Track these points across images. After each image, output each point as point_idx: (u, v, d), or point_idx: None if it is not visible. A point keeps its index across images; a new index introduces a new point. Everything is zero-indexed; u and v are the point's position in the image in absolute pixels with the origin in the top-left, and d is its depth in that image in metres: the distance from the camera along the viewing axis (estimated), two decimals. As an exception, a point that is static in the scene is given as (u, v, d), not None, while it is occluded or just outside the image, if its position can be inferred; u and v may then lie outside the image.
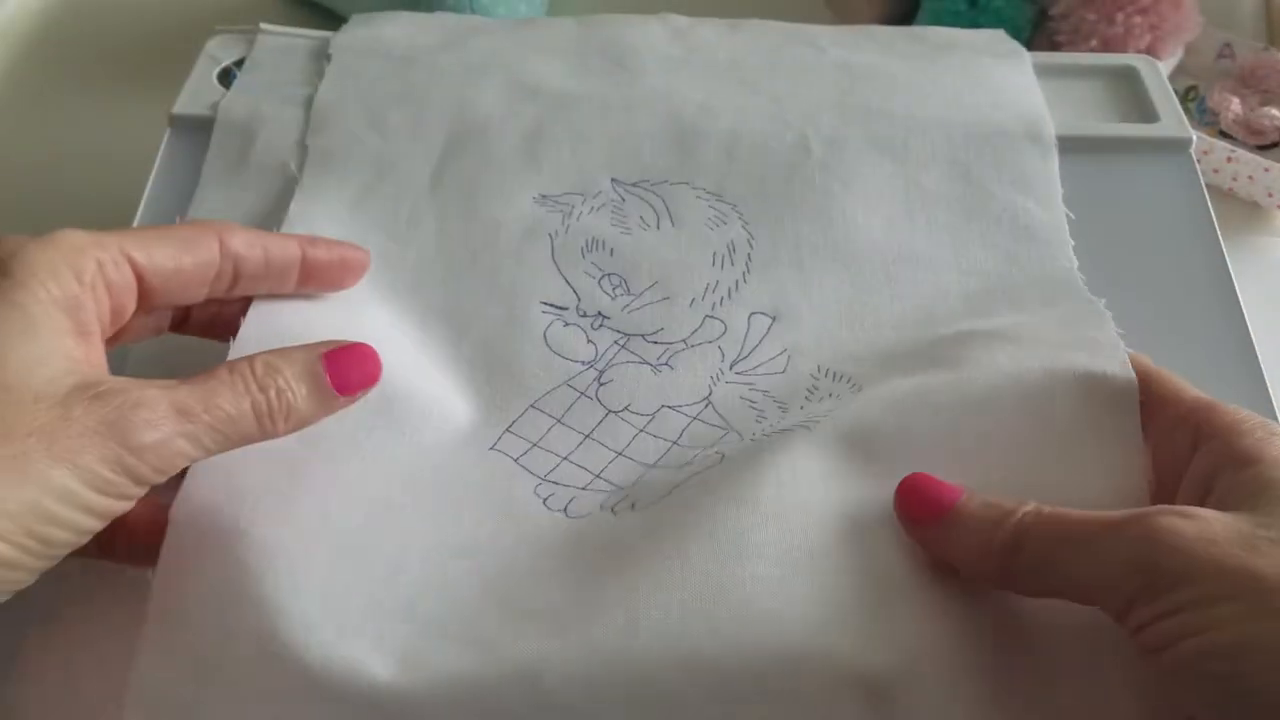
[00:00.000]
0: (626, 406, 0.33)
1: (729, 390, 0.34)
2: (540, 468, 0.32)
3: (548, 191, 0.39)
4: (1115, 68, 0.45)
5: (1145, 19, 0.54)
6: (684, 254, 0.37)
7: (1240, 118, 0.55)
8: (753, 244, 0.37)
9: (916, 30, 0.46)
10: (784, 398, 0.33)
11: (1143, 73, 0.45)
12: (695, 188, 0.39)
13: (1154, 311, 0.37)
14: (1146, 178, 0.41)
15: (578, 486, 0.31)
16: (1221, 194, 0.53)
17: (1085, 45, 0.55)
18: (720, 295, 0.36)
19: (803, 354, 0.35)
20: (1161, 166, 0.41)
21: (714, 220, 0.38)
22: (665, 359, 0.35)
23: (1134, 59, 0.46)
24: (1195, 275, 0.38)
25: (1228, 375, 0.35)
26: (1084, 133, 0.42)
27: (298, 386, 0.28)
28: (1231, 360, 0.36)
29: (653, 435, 0.33)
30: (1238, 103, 0.56)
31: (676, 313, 0.36)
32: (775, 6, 0.65)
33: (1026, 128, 0.41)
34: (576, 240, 0.37)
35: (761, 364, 0.34)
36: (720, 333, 0.35)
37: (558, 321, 0.35)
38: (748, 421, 0.33)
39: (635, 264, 0.37)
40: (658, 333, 0.35)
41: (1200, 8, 0.56)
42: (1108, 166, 0.41)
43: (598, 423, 0.33)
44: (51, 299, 0.27)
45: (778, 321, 0.35)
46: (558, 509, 0.31)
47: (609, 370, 0.34)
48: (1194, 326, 0.37)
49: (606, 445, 0.33)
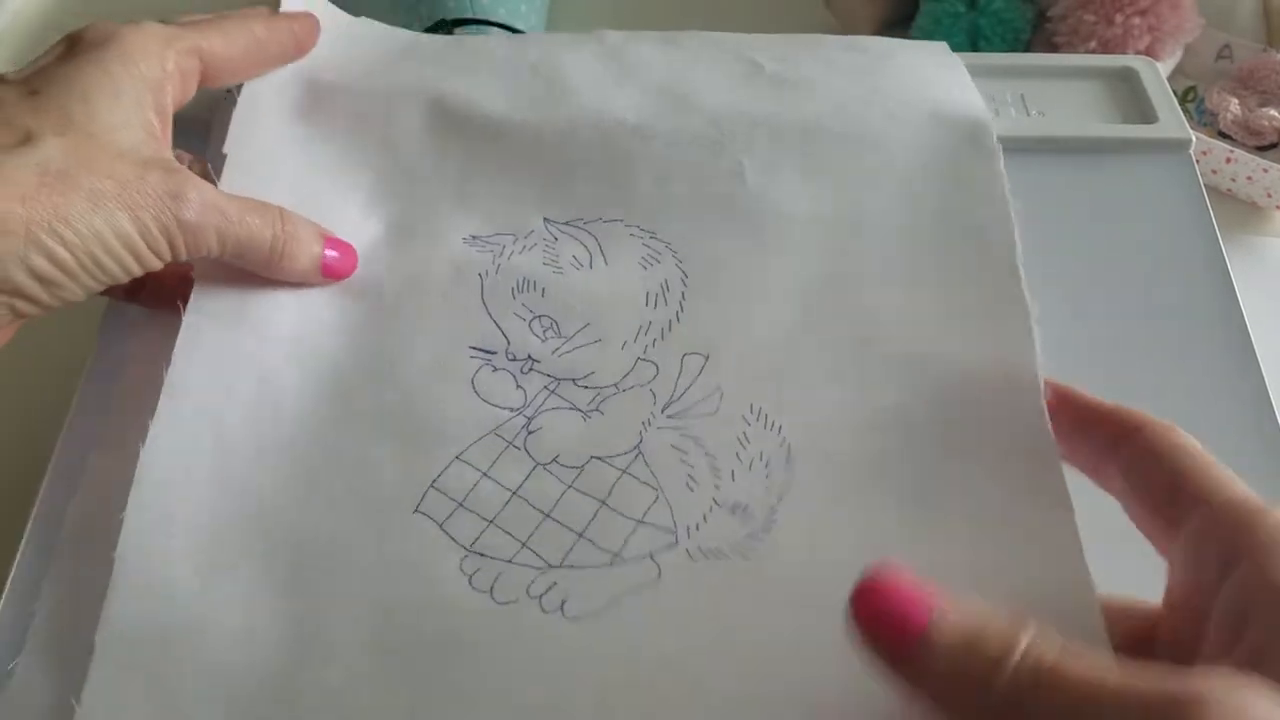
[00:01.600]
0: (555, 458, 0.33)
1: (659, 438, 0.33)
2: (465, 534, 0.31)
3: (478, 232, 0.38)
4: (1114, 69, 0.45)
5: (1144, 20, 0.54)
6: (617, 293, 0.36)
7: (1239, 119, 0.55)
8: (686, 282, 0.36)
9: (858, 41, 0.44)
10: (715, 448, 0.33)
11: (1142, 74, 0.45)
12: (629, 225, 0.38)
13: (1153, 312, 0.37)
14: (1145, 179, 0.41)
15: (504, 559, 0.30)
16: (1220, 195, 0.53)
17: (1084, 46, 0.55)
18: (654, 336, 0.35)
19: (735, 393, 0.34)
20: (1160, 167, 0.41)
21: (647, 259, 0.37)
22: (596, 404, 0.34)
23: (1133, 60, 0.46)
24: (1194, 276, 0.38)
25: (1227, 376, 0.36)
26: (1083, 134, 0.42)
27: (310, 243, 0.35)
28: (1231, 361, 0.36)
29: (581, 492, 0.32)
30: (1236, 104, 0.56)
31: (609, 356, 0.35)
32: (775, 7, 0.66)
33: (969, 136, 0.39)
34: (507, 281, 0.36)
35: (693, 405, 0.34)
36: (652, 375, 0.34)
37: (486, 367, 0.34)
38: (677, 485, 0.32)
39: (567, 305, 0.36)
40: (589, 376, 0.34)
41: (1199, 9, 0.56)
42: (1107, 168, 0.41)
43: (525, 477, 0.32)
44: (141, 76, 0.31)
45: (710, 360, 0.34)
46: (483, 589, 0.30)
47: (538, 417, 0.33)
48: (1193, 327, 0.37)
49: (533, 505, 0.32)
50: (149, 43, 0.32)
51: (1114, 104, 0.44)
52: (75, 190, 0.28)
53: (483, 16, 0.57)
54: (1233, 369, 0.36)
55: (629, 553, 0.31)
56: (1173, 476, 0.26)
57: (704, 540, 0.31)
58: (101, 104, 0.30)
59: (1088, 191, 0.40)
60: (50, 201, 0.28)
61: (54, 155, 0.28)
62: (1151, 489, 0.26)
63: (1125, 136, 0.42)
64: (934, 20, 0.58)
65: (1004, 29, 0.57)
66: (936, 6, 0.58)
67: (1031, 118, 0.43)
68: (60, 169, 0.28)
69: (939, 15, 0.58)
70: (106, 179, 0.29)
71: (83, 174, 0.29)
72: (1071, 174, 0.40)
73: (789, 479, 0.32)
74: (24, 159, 0.28)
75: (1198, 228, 0.40)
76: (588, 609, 0.30)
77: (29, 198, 0.27)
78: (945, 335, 0.34)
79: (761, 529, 0.31)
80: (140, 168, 0.30)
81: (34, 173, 0.28)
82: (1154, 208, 0.40)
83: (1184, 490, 0.25)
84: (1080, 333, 0.37)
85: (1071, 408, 0.30)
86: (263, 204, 0.33)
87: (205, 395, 0.32)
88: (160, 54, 0.32)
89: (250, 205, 0.33)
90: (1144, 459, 0.27)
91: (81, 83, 0.30)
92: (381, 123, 0.40)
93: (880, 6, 0.61)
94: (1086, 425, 0.29)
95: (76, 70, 0.31)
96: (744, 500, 0.31)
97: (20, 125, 0.29)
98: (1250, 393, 0.35)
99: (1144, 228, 0.40)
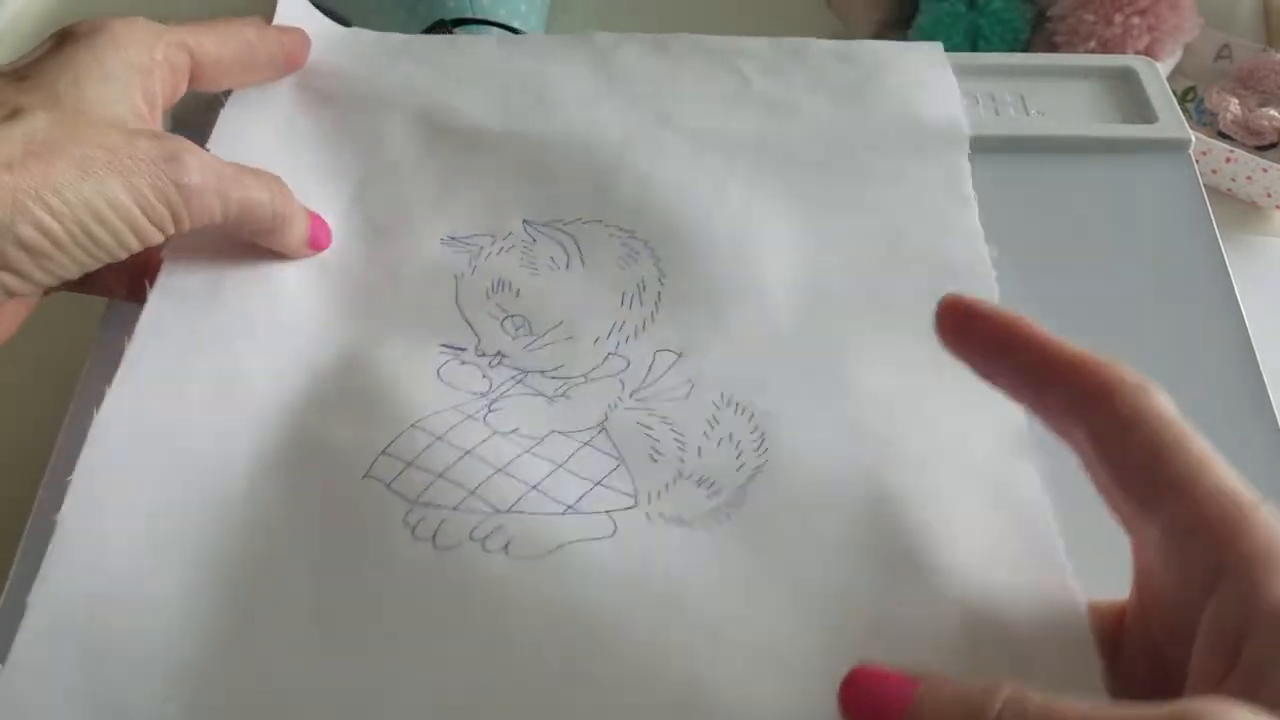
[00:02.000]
0: (515, 429, 0.32)
1: (625, 416, 0.32)
2: (412, 490, 0.30)
3: (457, 233, 0.38)
4: (1114, 69, 0.45)
5: (1143, 20, 0.54)
6: (592, 293, 0.36)
7: (1239, 118, 0.55)
8: (663, 281, 0.36)
9: (850, 50, 0.44)
10: (682, 428, 0.32)
11: (1141, 74, 0.45)
12: (608, 225, 0.38)
13: (1153, 312, 0.37)
14: (1145, 179, 0.41)
15: (449, 506, 0.29)
16: (1220, 194, 0.53)
17: (1084, 46, 0.55)
18: (627, 334, 0.35)
19: (706, 383, 0.33)
20: (1160, 167, 0.41)
21: (625, 258, 0.37)
22: (563, 391, 0.33)
23: (1132, 60, 0.46)
24: (1194, 276, 0.38)
25: (1226, 377, 0.36)
26: (1082, 134, 0.42)
27: (300, 214, 0.35)
28: (1230, 361, 0.36)
29: (538, 456, 0.31)
30: (1236, 104, 0.56)
31: (579, 350, 0.34)
32: (776, 6, 0.66)
33: (948, 173, 0.39)
34: (482, 282, 0.36)
35: (663, 391, 0.33)
36: (622, 368, 0.34)
37: (454, 360, 0.34)
38: (640, 457, 0.31)
39: (541, 305, 0.35)
40: (558, 369, 0.34)
41: (1199, 9, 0.56)
42: (1106, 167, 0.41)
43: (481, 441, 0.31)
44: (128, 61, 0.32)
45: (683, 358, 0.34)
46: (425, 537, 0.29)
47: (501, 400, 0.33)
48: (1193, 327, 0.37)
49: (487, 461, 0.30)
50: (138, 32, 0.32)
51: (1113, 104, 0.44)
52: (63, 158, 0.28)
53: (482, 16, 0.57)
54: (1233, 369, 0.36)
55: (584, 506, 0.30)
56: (1150, 452, 0.23)
57: (665, 507, 0.30)
58: (90, 85, 0.30)
59: (1087, 191, 0.40)
60: (38, 170, 0.27)
61: (41, 127, 0.28)
62: (1125, 463, 0.24)
63: (1125, 136, 0.42)
64: (934, 20, 0.58)
65: (1004, 29, 0.57)
66: (936, 6, 0.58)
67: (1031, 118, 0.43)
68: (47, 139, 0.28)
69: (939, 15, 0.58)
70: (96, 148, 0.29)
71: (70, 144, 0.28)
72: (1071, 174, 0.40)
73: (762, 462, 0.31)
74: (10, 130, 0.28)
75: (1197, 228, 0.40)
76: (532, 551, 0.28)
77: (15, 165, 0.27)
78: (917, 369, 0.34)
79: (729, 504, 0.30)
80: (129, 135, 0.30)
81: (20, 143, 0.28)
82: (1154, 208, 0.40)
83: (1162, 472, 0.23)
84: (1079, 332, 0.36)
85: (1025, 348, 0.26)
86: (255, 169, 0.33)
87: (165, 372, 0.32)
88: (149, 43, 0.33)
89: (245, 169, 0.33)
90: (1115, 429, 0.24)
91: (72, 67, 0.31)
92: (366, 130, 0.40)
93: (881, 7, 0.61)
94: (1045, 380, 0.25)
95: (67, 57, 0.31)
96: (711, 476, 0.31)
97: (8, 102, 0.29)
98: (1250, 393, 0.35)
99: (1144, 228, 0.40)
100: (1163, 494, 0.23)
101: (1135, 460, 0.23)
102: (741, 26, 0.48)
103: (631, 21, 0.64)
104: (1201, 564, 0.22)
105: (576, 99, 0.42)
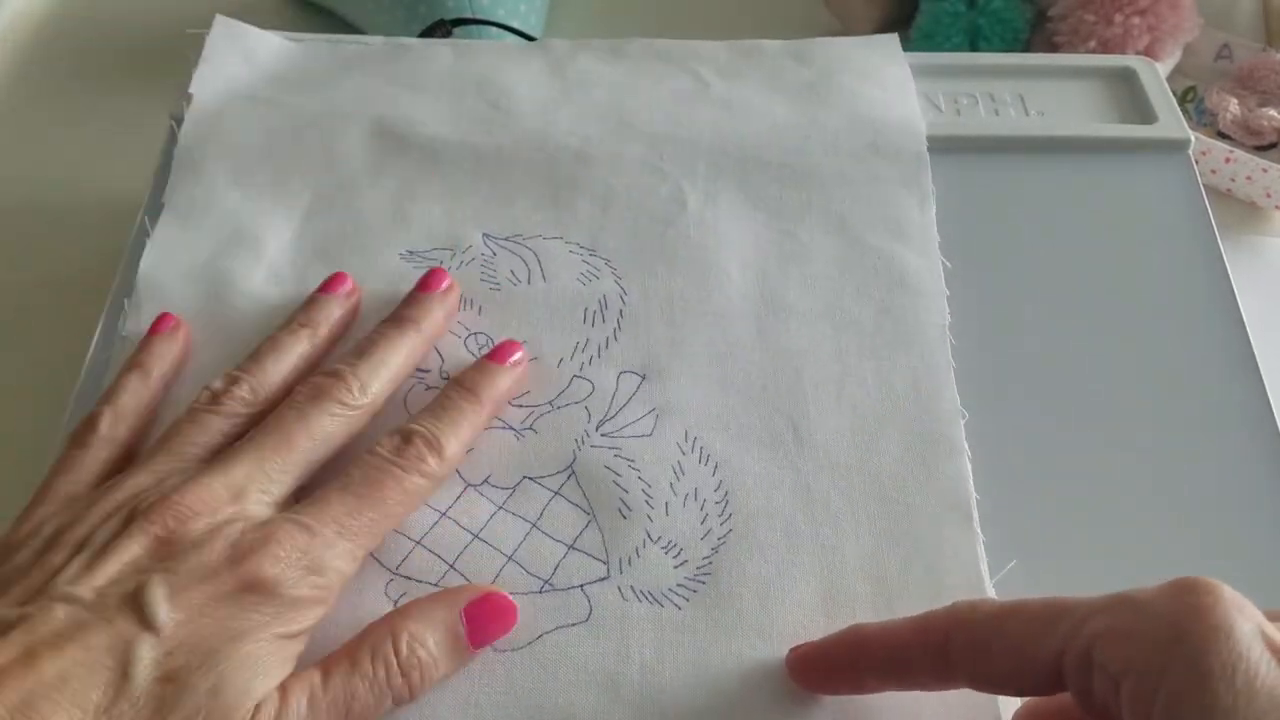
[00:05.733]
0: (486, 479, 0.32)
1: (593, 457, 0.33)
2: (392, 557, 0.30)
3: (415, 248, 0.38)
4: (1113, 69, 0.45)
5: (1143, 20, 0.54)
6: (554, 310, 0.36)
7: (1238, 118, 0.55)
8: (625, 299, 0.36)
9: (804, 49, 0.44)
10: (650, 477, 0.32)
11: (1141, 74, 0.45)
12: (569, 242, 0.38)
13: (1152, 312, 0.37)
14: (1145, 179, 0.41)
15: (430, 582, 0.30)
16: (1220, 194, 0.53)
17: (1084, 46, 0.55)
18: (590, 354, 0.35)
19: (670, 416, 0.34)
20: (1160, 167, 0.41)
21: (586, 275, 0.37)
22: (530, 423, 0.33)
23: (1132, 60, 0.46)
24: (1194, 276, 0.38)
25: (1226, 376, 0.36)
26: (1082, 134, 0.42)
27: (439, 655, 0.27)
28: (1230, 361, 0.36)
29: (511, 514, 0.32)
30: (1236, 104, 0.56)
31: (544, 373, 0.34)
32: (774, 7, 0.66)
33: (904, 174, 0.40)
34: None
35: (629, 424, 0.33)
36: (588, 393, 0.34)
37: (419, 385, 0.34)
38: (609, 512, 0.32)
39: (504, 322, 0.36)
40: (523, 396, 0.34)
41: (1198, 9, 0.56)
42: (1106, 167, 0.41)
43: (455, 499, 0.32)
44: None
45: (647, 380, 0.34)
46: None
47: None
48: (1192, 327, 0.37)
49: (463, 525, 0.31)
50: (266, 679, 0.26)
51: (1113, 104, 0.44)
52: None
53: (481, 16, 0.57)
54: (1232, 369, 0.36)
55: (559, 581, 0.30)
56: (1017, 641, 0.23)
57: (636, 579, 0.30)
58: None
59: (1087, 191, 0.40)
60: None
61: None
62: (1017, 668, 0.24)
63: (1124, 136, 0.42)
64: (934, 20, 0.58)
65: (1003, 29, 0.58)
66: (936, 6, 0.58)
67: (1031, 118, 0.43)
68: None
69: (939, 15, 0.58)
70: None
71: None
72: (1071, 174, 0.40)
73: (725, 531, 0.31)
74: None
75: (1197, 228, 0.40)
76: (513, 643, 0.29)
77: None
78: (872, 379, 0.34)
79: (693, 577, 0.31)
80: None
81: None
82: (1153, 208, 0.40)
83: (1043, 642, 0.23)
84: (1079, 333, 0.37)
85: (870, 653, 0.26)
86: (371, 653, 0.27)
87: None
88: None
89: (355, 682, 0.27)
90: (983, 653, 0.24)
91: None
92: (320, 143, 0.40)
93: (880, 6, 0.61)
94: (905, 662, 0.26)
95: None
96: (677, 541, 0.31)
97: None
98: (1250, 393, 0.35)
99: (1143, 228, 0.40)
100: (1051, 658, 0.23)
101: (1014, 658, 0.24)
102: (740, 27, 0.48)
103: (630, 21, 0.65)
104: (1125, 663, 0.21)
105: (533, 107, 0.42)
